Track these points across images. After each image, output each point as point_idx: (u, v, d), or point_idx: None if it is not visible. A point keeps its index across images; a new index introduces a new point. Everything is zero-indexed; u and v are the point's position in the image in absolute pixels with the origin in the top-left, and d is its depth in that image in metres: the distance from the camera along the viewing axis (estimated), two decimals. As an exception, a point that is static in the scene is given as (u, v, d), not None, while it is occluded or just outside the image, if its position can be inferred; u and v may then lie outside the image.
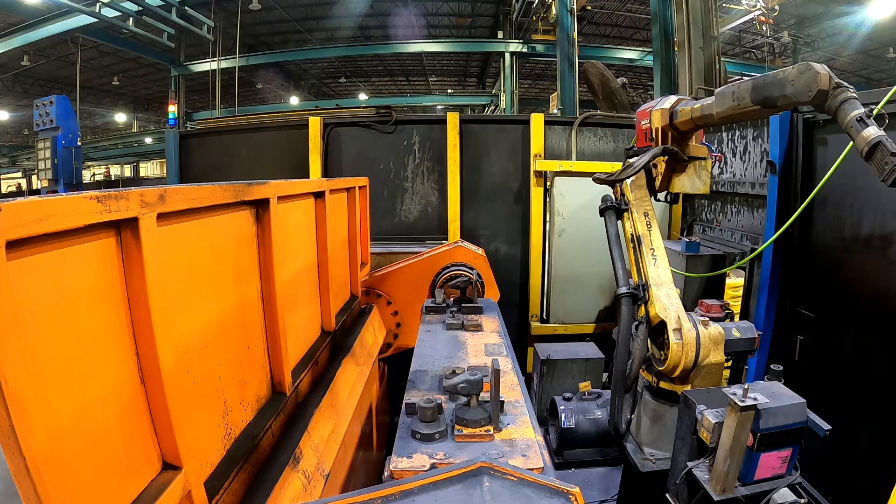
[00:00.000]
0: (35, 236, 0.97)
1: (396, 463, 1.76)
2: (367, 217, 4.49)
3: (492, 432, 1.93)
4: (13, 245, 0.92)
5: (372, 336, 3.87)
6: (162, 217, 1.36)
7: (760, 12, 14.46)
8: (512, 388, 2.37)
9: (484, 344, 2.98)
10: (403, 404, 2.11)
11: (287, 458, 1.97)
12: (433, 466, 1.73)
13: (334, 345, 3.24)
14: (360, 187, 4.13)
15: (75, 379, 1.10)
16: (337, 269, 3.50)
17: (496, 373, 1.93)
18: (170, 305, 1.41)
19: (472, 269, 4.45)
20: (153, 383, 1.32)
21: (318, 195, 3.00)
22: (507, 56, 19.46)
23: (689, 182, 3.65)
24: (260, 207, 2.09)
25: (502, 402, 2.06)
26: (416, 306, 4.08)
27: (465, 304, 3.62)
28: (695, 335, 3.16)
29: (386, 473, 1.73)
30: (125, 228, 1.25)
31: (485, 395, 2.04)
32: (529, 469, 1.55)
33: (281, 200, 2.25)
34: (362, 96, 30.44)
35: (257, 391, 2.08)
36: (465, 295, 3.86)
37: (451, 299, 3.84)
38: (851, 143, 2.35)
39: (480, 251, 4.73)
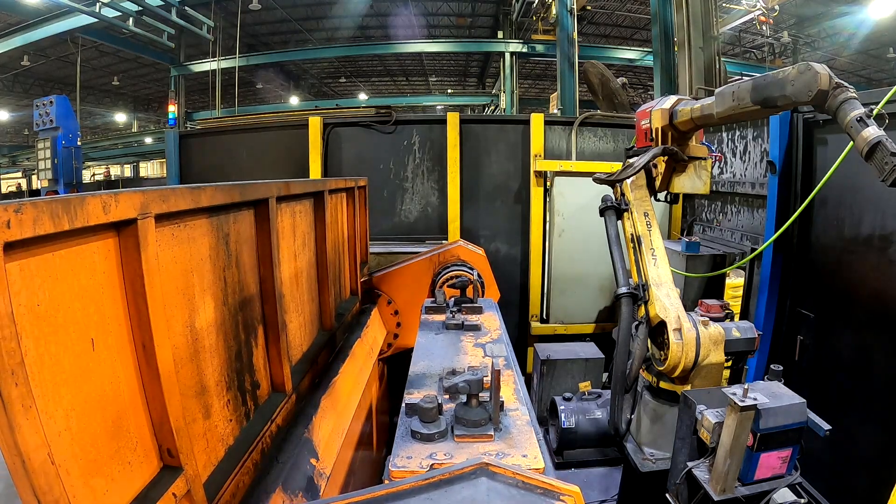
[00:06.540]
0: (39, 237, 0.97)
1: (396, 462, 1.76)
2: (367, 217, 4.49)
3: (492, 432, 1.93)
4: (10, 247, 0.92)
5: (372, 335, 3.87)
6: (161, 218, 1.36)
7: (760, 12, 14.44)
8: (512, 389, 2.36)
9: (484, 344, 2.98)
10: (403, 404, 2.11)
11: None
12: (433, 466, 1.73)
13: (334, 344, 3.24)
14: (359, 187, 4.12)
15: (75, 378, 1.10)
16: (337, 268, 3.49)
17: (496, 373, 1.93)
18: (169, 304, 1.40)
19: (472, 268, 4.43)
20: (152, 382, 1.32)
21: (318, 195, 3.00)
22: (507, 56, 19.45)
23: (689, 182, 3.65)
24: (259, 207, 2.09)
25: (502, 402, 2.06)
26: (417, 306, 4.07)
27: (465, 304, 3.62)
28: (695, 335, 3.16)
29: (386, 473, 1.73)
30: (124, 229, 1.25)
31: (484, 396, 2.04)
32: (530, 469, 1.55)
33: (280, 201, 2.25)
34: (362, 96, 30.43)
35: (258, 390, 2.08)
36: (465, 295, 3.86)
37: (451, 299, 3.83)
38: (851, 143, 2.35)
39: (480, 251, 4.73)
